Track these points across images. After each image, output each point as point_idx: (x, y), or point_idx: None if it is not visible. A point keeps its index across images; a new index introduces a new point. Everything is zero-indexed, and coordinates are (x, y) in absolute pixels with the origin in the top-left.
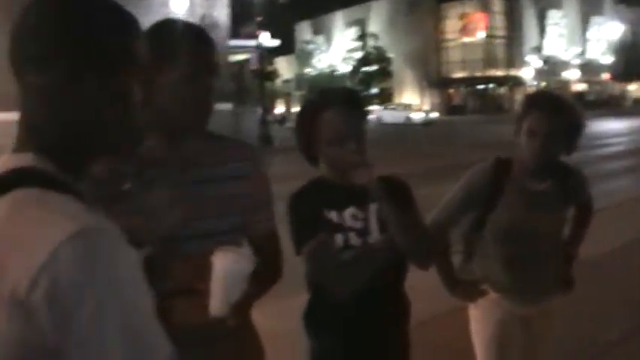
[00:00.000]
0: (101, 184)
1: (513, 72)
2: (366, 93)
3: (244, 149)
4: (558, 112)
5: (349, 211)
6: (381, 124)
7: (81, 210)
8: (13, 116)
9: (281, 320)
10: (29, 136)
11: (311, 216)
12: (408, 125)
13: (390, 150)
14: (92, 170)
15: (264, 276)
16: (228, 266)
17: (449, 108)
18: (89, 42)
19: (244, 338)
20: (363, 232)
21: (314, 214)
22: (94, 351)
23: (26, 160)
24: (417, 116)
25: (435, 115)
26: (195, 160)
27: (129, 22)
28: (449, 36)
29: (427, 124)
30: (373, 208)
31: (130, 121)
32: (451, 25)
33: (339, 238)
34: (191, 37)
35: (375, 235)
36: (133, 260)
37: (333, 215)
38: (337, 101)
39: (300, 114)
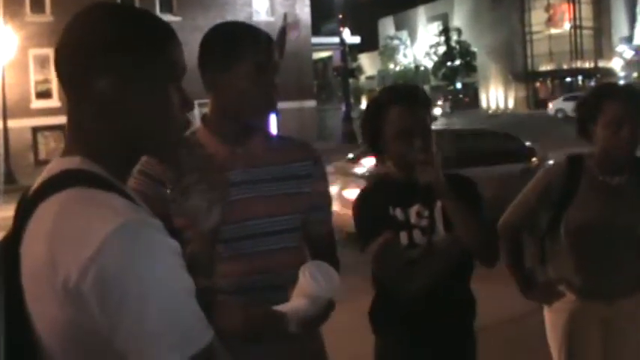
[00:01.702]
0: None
1: (602, 63)
2: (450, 88)
3: (304, 149)
4: (638, 99)
5: (414, 209)
6: (565, 119)
7: (125, 205)
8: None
9: (349, 316)
10: (76, 141)
11: (376, 214)
12: None
13: None
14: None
15: None
16: (311, 290)
17: (535, 102)
18: (135, 52)
19: (305, 336)
20: (428, 230)
21: (379, 212)
22: (137, 333)
23: (74, 162)
24: None
25: None
26: (255, 160)
27: (170, 32)
28: (534, 28)
29: None
30: (439, 205)
31: (171, 123)
32: (536, 17)
33: (403, 236)
34: (250, 37)
35: (440, 233)
36: (173, 250)
37: (398, 213)
38: (403, 98)
39: (366, 110)
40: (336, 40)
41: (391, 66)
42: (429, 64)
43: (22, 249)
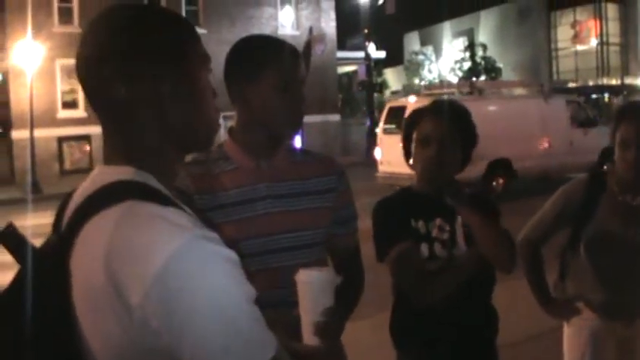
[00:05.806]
0: None
1: (629, 80)
2: None
3: (328, 164)
4: None
5: (436, 222)
6: None
7: (184, 220)
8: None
9: (371, 333)
10: (119, 148)
11: (397, 224)
12: None
13: None
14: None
15: (348, 292)
16: (312, 280)
17: None
18: (167, 52)
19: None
20: (449, 244)
21: (400, 223)
22: (203, 348)
23: (126, 173)
24: None
25: None
26: (280, 174)
27: (191, 25)
28: (561, 44)
29: None
30: (459, 220)
31: (213, 111)
32: (563, 34)
33: (424, 248)
34: (276, 48)
35: (461, 247)
36: (233, 261)
37: (419, 225)
38: (431, 109)
39: (405, 119)
40: (361, 54)
41: (416, 81)
42: (454, 80)
43: (72, 263)
